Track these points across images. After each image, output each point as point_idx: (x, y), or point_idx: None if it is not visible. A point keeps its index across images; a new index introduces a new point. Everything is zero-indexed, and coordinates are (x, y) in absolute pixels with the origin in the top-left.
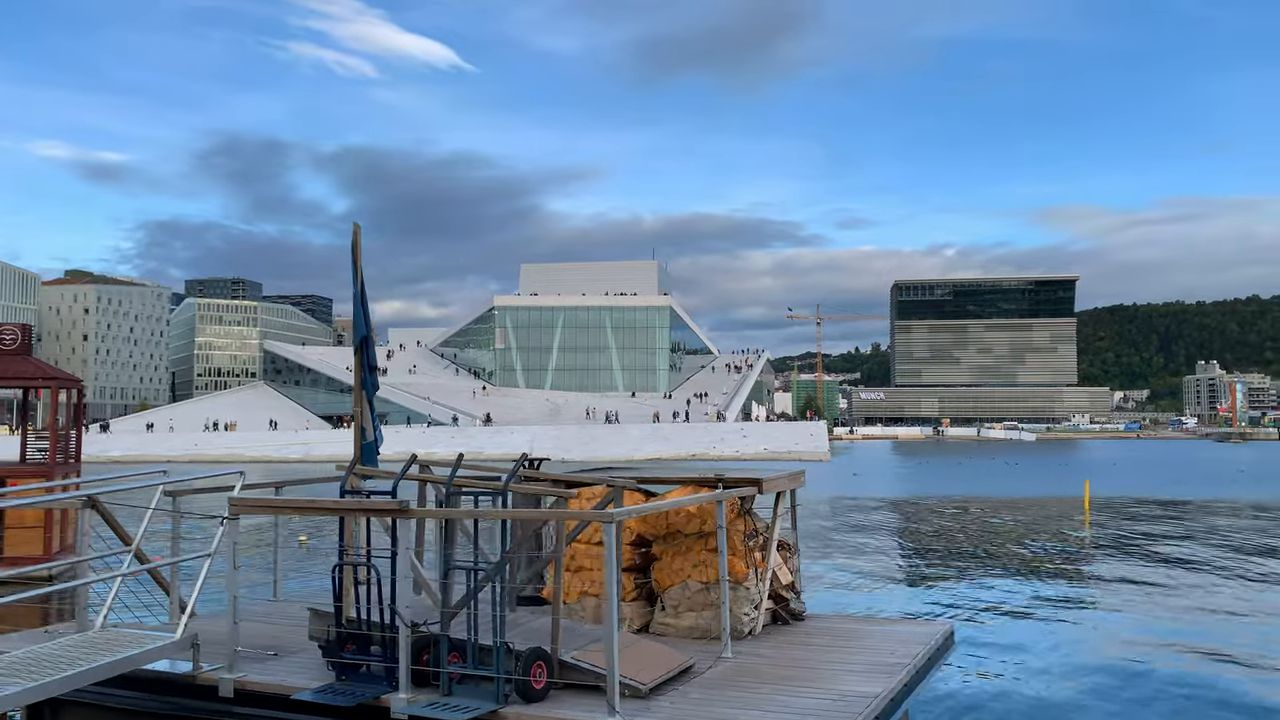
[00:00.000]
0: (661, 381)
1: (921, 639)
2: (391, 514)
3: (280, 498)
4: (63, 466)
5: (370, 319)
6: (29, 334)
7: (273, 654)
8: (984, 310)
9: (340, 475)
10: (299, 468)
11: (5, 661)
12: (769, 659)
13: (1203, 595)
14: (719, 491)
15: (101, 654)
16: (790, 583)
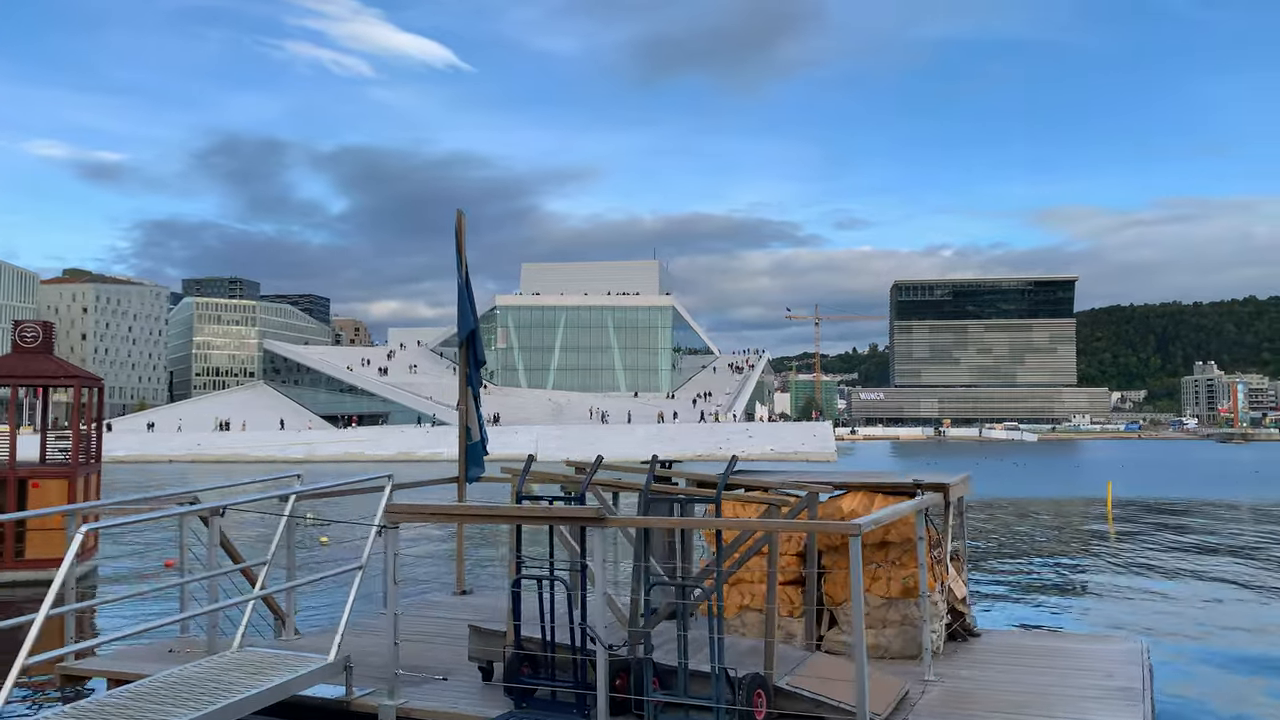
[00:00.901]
0: (664, 381)
1: (1128, 657)
2: (588, 522)
3: (447, 504)
4: (84, 467)
5: (476, 311)
6: (50, 331)
7: (441, 678)
8: (983, 311)
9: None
10: (322, 468)
11: (156, 685)
12: (978, 681)
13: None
14: (924, 498)
15: (257, 678)
16: (964, 596)
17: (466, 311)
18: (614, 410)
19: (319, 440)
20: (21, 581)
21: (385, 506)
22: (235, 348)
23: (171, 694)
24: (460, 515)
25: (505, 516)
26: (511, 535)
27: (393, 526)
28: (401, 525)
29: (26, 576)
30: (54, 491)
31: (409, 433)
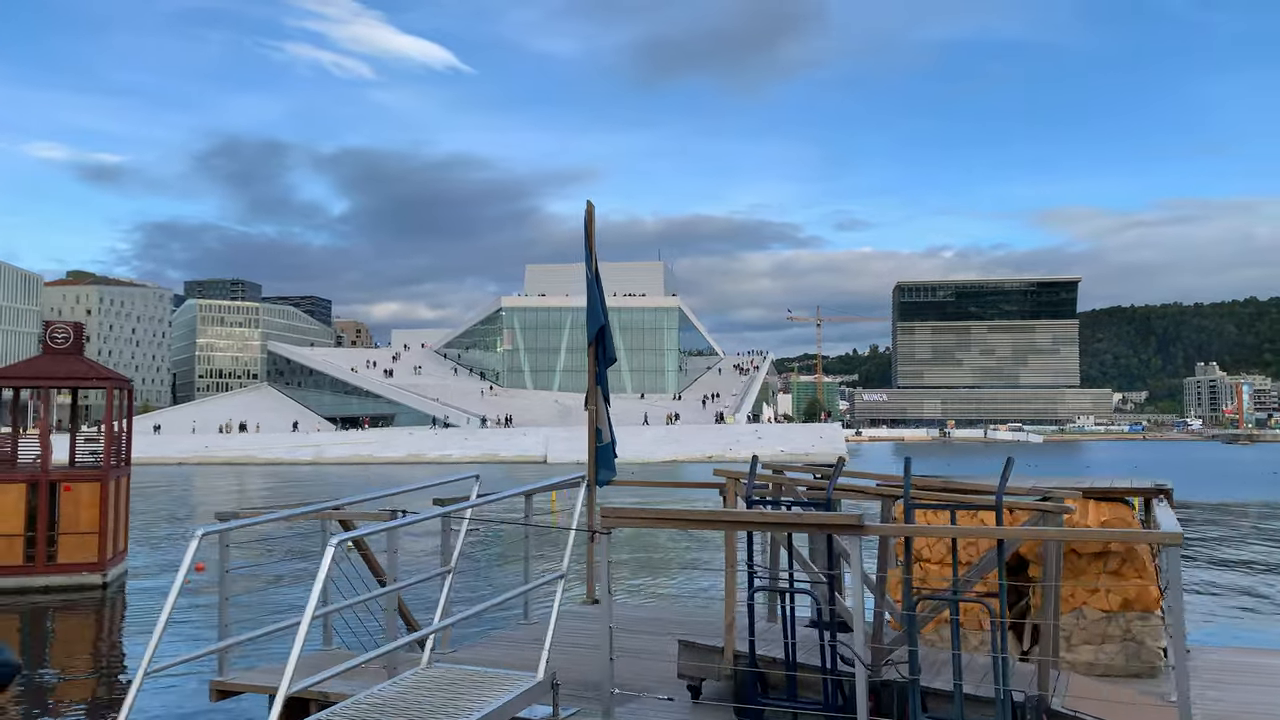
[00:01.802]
0: (670, 383)
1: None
2: (846, 530)
3: (661, 508)
4: (116, 469)
5: (606, 308)
6: (81, 333)
7: (666, 698)
8: (986, 312)
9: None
10: (334, 470)
11: (368, 706)
12: (1235, 704)
13: None
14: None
15: (470, 699)
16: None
17: (596, 308)
18: (621, 411)
19: (327, 442)
20: (55, 586)
21: (600, 510)
22: (239, 350)
23: (399, 716)
24: (692, 520)
25: (747, 522)
26: (729, 542)
27: (605, 532)
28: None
29: (60, 581)
30: (86, 494)
31: (418, 434)
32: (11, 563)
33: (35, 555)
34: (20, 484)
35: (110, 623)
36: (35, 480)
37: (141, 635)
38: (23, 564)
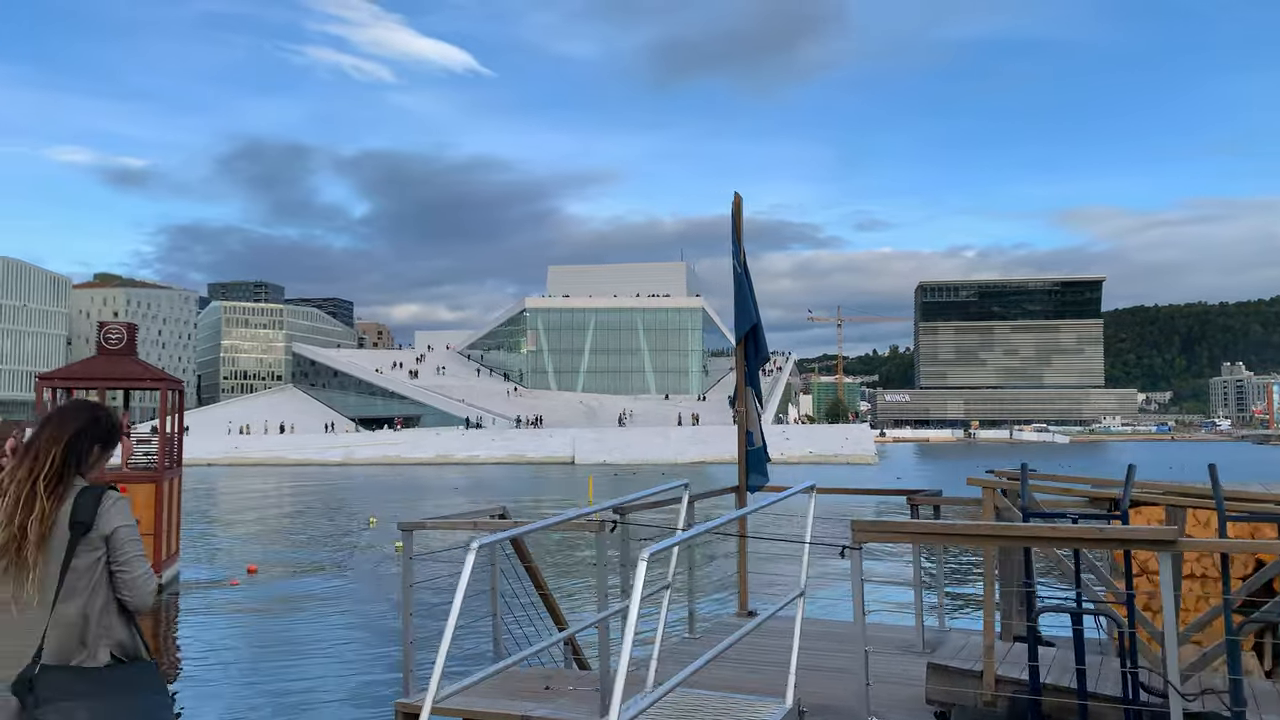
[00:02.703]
0: (694, 383)
1: None
2: (1156, 546)
3: (920, 521)
4: (169, 470)
5: (757, 304)
6: (134, 333)
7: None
8: (1009, 312)
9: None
10: (365, 471)
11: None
12: None
13: None
14: None
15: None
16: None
17: (747, 303)
18: (645, 412)
19: (356, 443)
20: None
21: (853, 524)
22: (263, 351)
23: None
24: (962, 535)
25: (1031, 538)
26: (988, 559)
27: (856, 547)
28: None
29: None
30: (140, 496)
31: (445, 435)
32: None
33: None
34: None
35: (169, 625)
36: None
37: (201, 639)
38: None
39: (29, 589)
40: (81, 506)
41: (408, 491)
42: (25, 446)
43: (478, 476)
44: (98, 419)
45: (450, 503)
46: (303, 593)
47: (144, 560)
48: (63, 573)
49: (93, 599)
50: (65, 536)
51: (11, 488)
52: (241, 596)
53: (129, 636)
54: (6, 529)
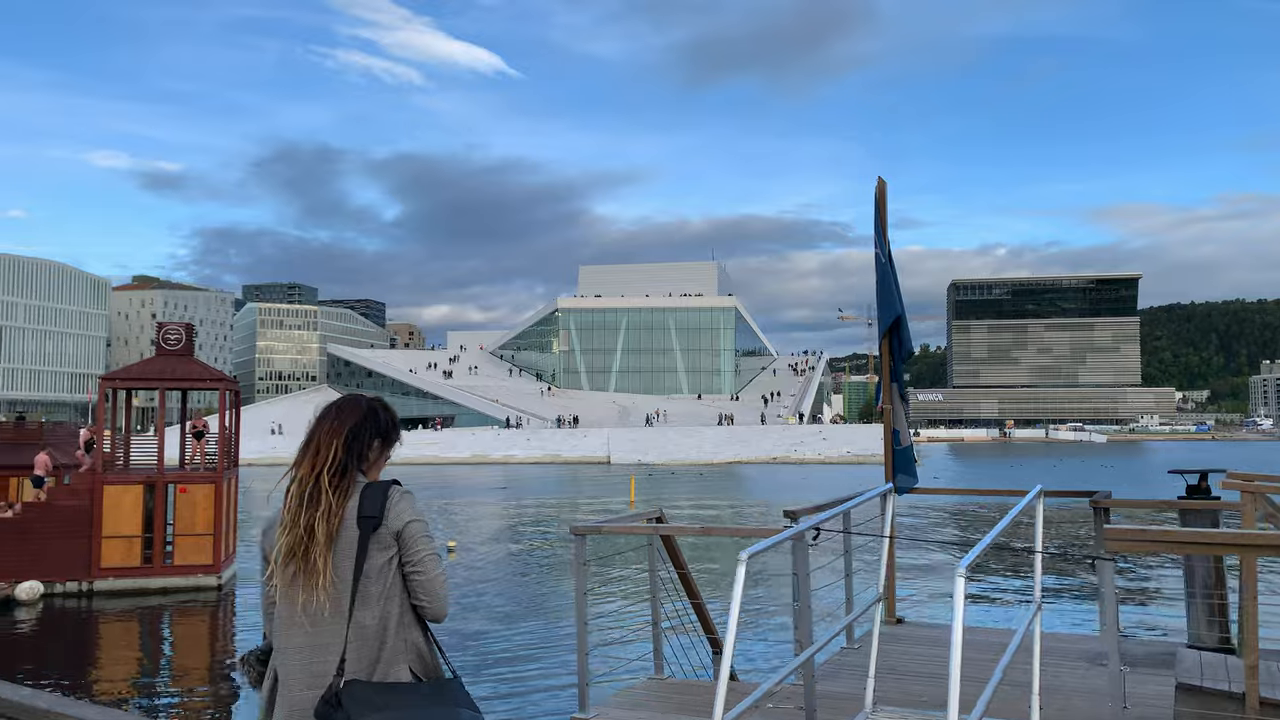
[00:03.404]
0: (726, 383)
1: None
2: None
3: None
4: (227, 471)
5: (902, 296)
6: (192, 333)
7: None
8: (1043, 310)
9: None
10: (416, 470)
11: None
12: None
13: None
14: None
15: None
16: None
17: (892, 294)
18: (678, 412)
19: None
20: (172, 587)
21: (1105, 531)
22: (297, 352)
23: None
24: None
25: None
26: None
27: (1110, 558)
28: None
29: (177, 582)
30: (200, 496)
31: (480, 435)
32: (130, 564)
33: (153, 556)
34: (138, 485)
35: (215, 628)
36: (152, 482)
37: None
38: (141, 565)
39: (319, 596)
40: (369, 501)
41: (449, 492)
42: (305, 443)
43: (517, 476)
44: (375, 412)
45: (492, 502)
46: None
47: (439, 560)
48: (356, 577)
49: (389, 606)
50: (354, 536)
51: (294, 486)
52: None
53: (428, 650)
54: (292, 531)
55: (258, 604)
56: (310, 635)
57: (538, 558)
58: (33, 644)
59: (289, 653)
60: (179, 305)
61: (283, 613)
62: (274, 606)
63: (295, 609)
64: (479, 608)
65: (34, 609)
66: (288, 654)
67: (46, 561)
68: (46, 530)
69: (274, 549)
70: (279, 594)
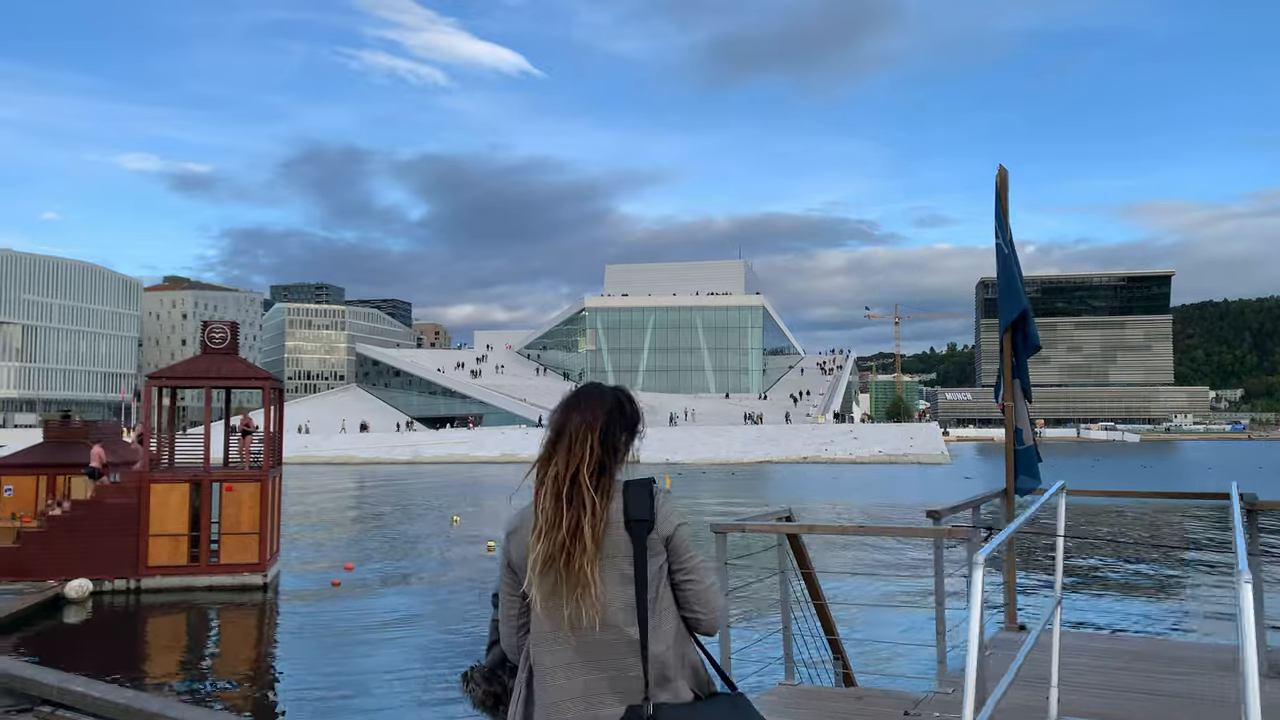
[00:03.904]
0: (754, 383)
1: None
2: None
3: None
4: (272, 469)
5: (1023, 286)
6: (237, 332)
7: None
8: (1074, 308)
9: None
10: (435, 469)
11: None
12: None
13: None
14: None
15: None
16: None
17: (1016, 286)
18: (706, 412)
19: (423, 442)
20: (219, 586)
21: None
22: (325, 352)
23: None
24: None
25: None
26: None
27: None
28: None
29: (223, 581)
30: (246, 494)
31: (508, 434)
32: (177, 562)
33: (199, 555)
34: (184, 484)
35: (261, 618)
36: (198, 480)
37: (321, 639)
38: (187, 563)
39: (588, 609)
40: (635, 502)
41: (482, 491)
42: (553, 437)
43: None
44: (622, 403)
45: (528, 502)
46: (434, 598)
47: (710, 569)
48: (640, 588)
49: (665, 618)
50: (622, 541)
51: (548, 485)
52: (364, 598)
53: (702, 666)
54: (550, 535)
55: (304, 603)
56: (578, 651)
57: None
58: (87, 642)
59: (553, 671)
60: (209, 305)
61: (543, 627)
62: (518, 618)
63: (560, 623)
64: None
65: (83, 607)
66: (552, 673)
67: (95, 559)
68: (95, 528)
69: (523, 555)
70: (539, 606)
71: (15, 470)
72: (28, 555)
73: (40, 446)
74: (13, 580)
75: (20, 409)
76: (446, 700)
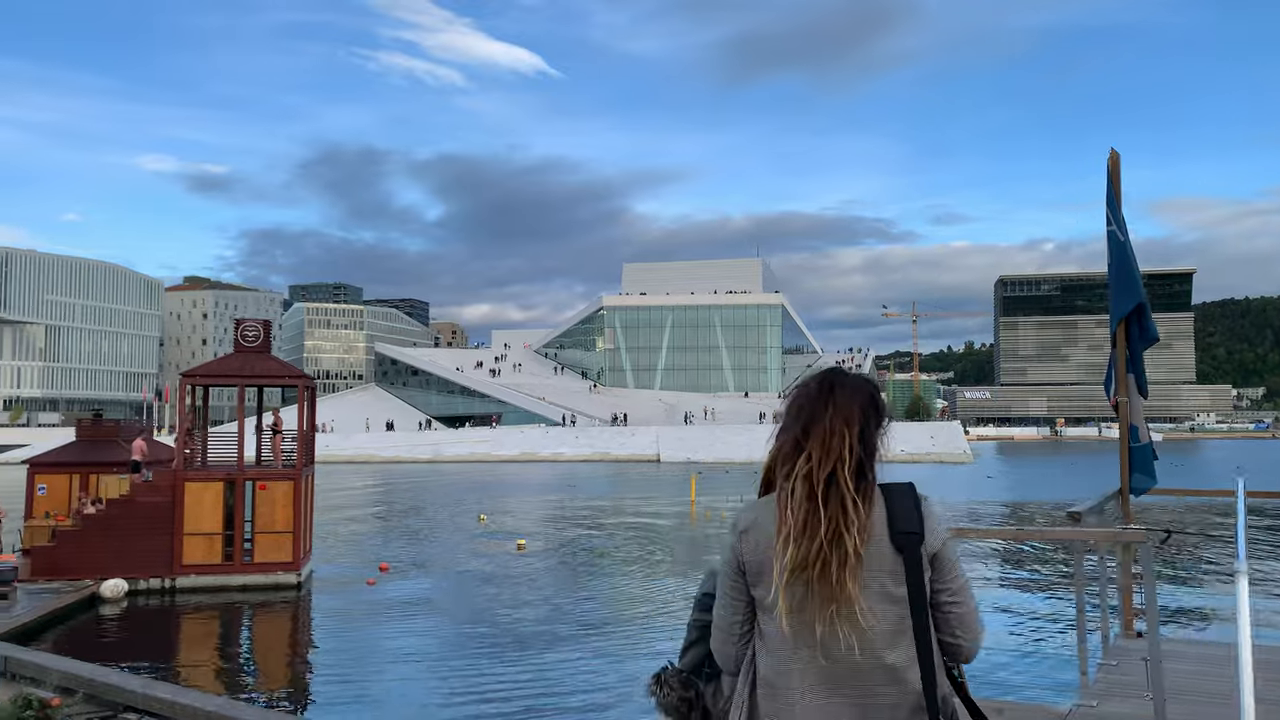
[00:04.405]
0: (773, 381)
1: None
2: None
3: None
4: (305, 468)
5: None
6: (269, 331)
7: None
8: (1094, 305)
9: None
10: (455, 468)
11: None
12: None
13: None
14: None
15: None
16: None
17: (1133, 276)
18: (726, 410)
19: (444, 441)
20: (253, 585)
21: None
22: (344, 351)
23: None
24: None
25: None
26: None
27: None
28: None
29: (257, 580)
30: (280, 493)
31: (528, 433)
32: (211, 561)
33: (233, 554)
34: (218, 482)
35: (295, 622)
36: (233, 479)
37: (354, 635)
38: (221, 562)
39: (845, 628)
40: (901, 510)
41: (506, 489)
42: (802, 427)
43: (571, 474)
44: (876, 396)
45: (554, 500)
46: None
47: (973, 590)
48: (915, 610)
49: (927, 645)
50: (886, 554)
51: (797, 483)
52: (405, 595)
53: (951, 696)
54: (804, 541)
55: (339, 603)
56: (825, 674)
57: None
58: (126, 643)
59: (789, 691)
60: (229, 305)
61: (783, 642)
62: (740, 626)
63: (807, 641)
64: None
65: (119, 606)
66: (787, 693)
67: (130, 558)
68: (130, 527)
69: (759, 557)
70: (785, 620)
71: (48, 469)
72: (64, 554)
73: (72, 445)
74: (49, 579)
75: (44, 408)
76: (483, 698)
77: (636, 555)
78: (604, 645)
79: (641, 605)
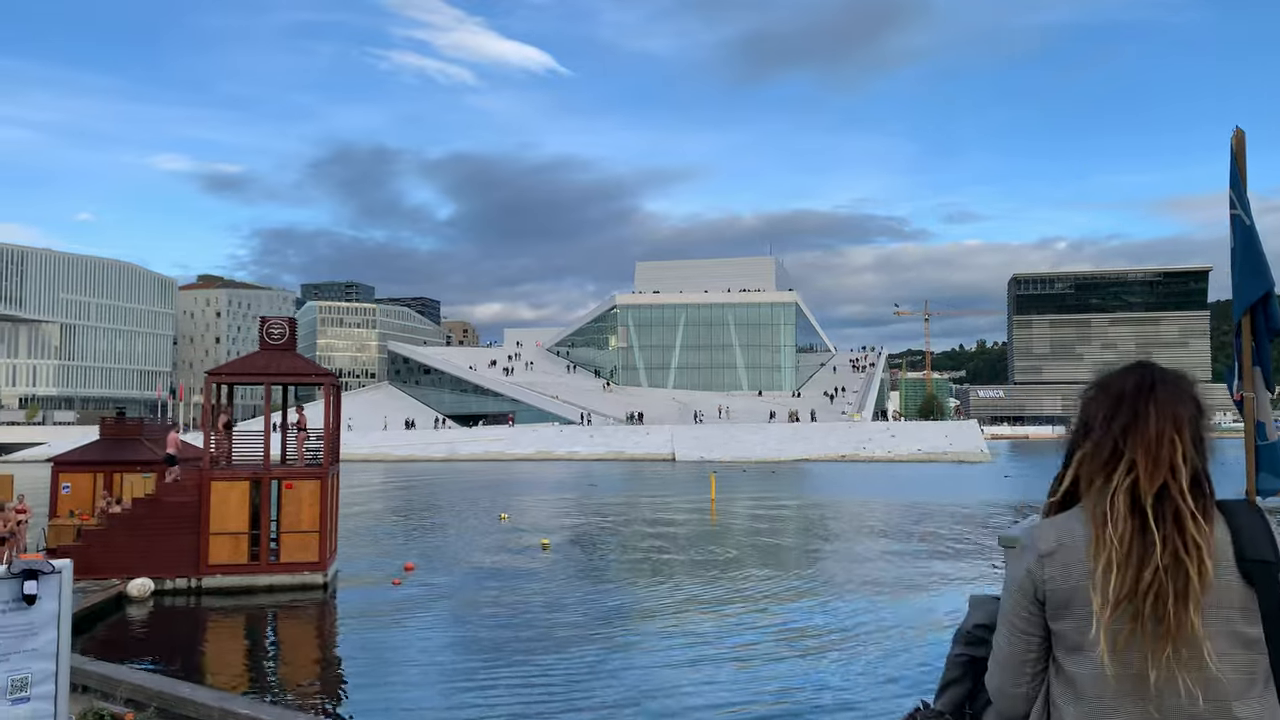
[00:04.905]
0: (787, 380)
1: None
2: None
3: None
4: (332, 466)
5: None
6: (294, 328)
7: None
8: (1108, 304)
9: None
10: (470, 466)
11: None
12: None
13: None
14: None
15: None
16: None
17: (1260, 263)
18: (740, 409)
19: (459, 439)
20: (280, 585)
21: None
22: (357, 350)
23: None
24: None
25: None
26: None
27: None
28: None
29: (284, 580)
30: (306, 492)
31: (542, 431)
32: (237, 561)
33: (260, 553)
34: (244, 481)
35: (322, 622)
36: (259, 478)
37: (386, 635)
38: (248, 562)
39: (1185, 673)
40: (1250, 533)
41: (523, 487)
42: (1124, 426)
43: (587, 473)
44: (1199, 393)
45: (574, 498)
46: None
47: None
48: (1275, 654)
49: (1270, 699)
50: (1234, 585)
51: (1120, 500)
52: (430, 596)
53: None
54: (1134, 566)
55: (365, 603)
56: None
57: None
58: (154, 643)
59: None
60: (243, 304)
61: (1106, 690)
62: (1033, 664)
63: (1137, 684)
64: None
65: (146, 606)
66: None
67: (156, 558)
68: (156, 526)
69: (1070, 585)
70: (1108, 661)
71: (73, 468)
72: (90, 553)
73: (96, 444)
74: (76, 578)
75: (59, 406)
76: (515, 700)
77: (662, 555)
78: (637, 644)
79: (674, 607)
